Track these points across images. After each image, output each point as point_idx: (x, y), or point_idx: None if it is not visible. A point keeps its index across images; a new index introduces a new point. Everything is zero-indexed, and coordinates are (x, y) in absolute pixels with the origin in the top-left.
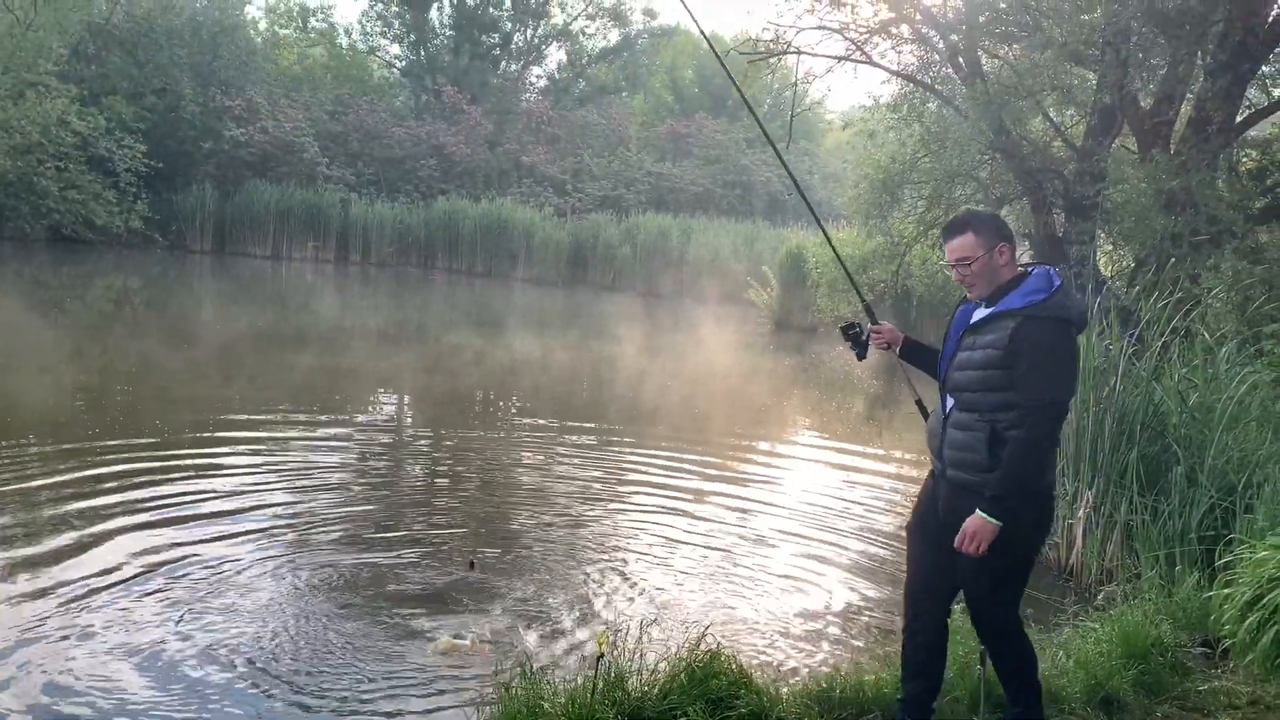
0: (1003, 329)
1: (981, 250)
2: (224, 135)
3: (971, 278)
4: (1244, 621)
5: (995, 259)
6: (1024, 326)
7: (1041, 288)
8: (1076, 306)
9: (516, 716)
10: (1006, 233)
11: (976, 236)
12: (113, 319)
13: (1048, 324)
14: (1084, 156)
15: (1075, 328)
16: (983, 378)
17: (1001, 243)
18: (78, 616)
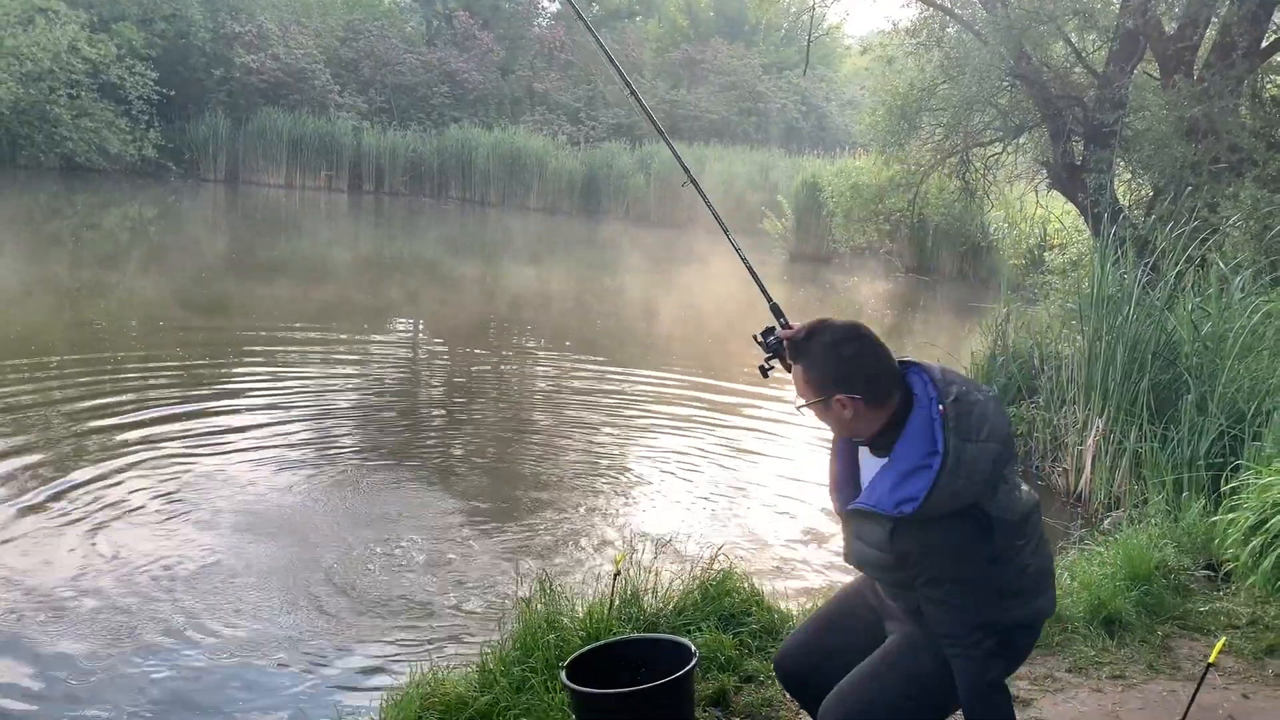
0: (880, 530)
1: (812, 394)
2: (235, 62)
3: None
4: (1247, 545)
5: (835, 412)
6: (900, 534)
7: (914, 466)
8: (973, 474)
9: (537, 630)
10: (841, 382)
11: (807, 374)
12: (129, 247)
13: (934, 529)
14: (1105, 83)
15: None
16: (891, 579)
17: (839, 395)
18: (96, 538)
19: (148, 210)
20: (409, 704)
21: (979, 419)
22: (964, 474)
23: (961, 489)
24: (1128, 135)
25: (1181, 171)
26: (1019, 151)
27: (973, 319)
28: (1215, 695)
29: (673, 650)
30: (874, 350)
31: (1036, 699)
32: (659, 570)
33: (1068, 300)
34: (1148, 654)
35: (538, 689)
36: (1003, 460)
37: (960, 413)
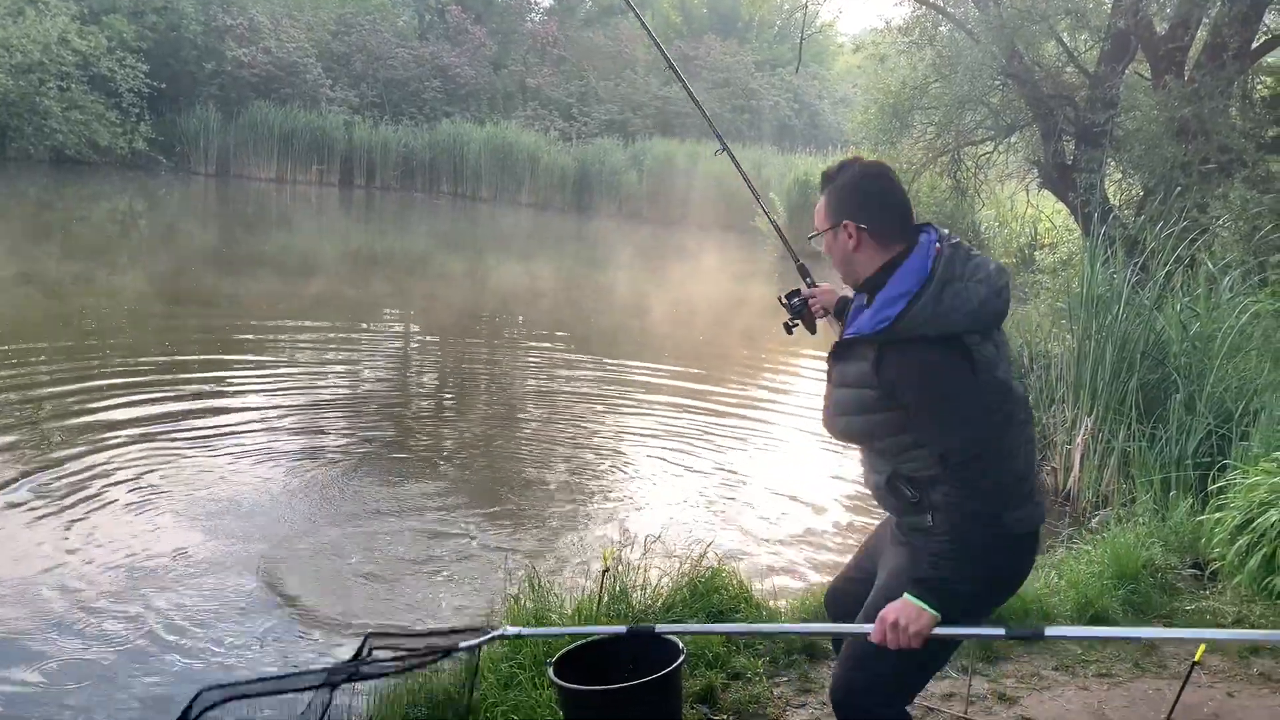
0: (862, 360)
1: (826, 223)
2: (226, 56)
3: (829, 256)
4: (1233, 544)
5: (841, 242)
6: (888, 357)
7: (900, 292)
8: (959, 304)
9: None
10: (856, 206)
11: (823, 204)
12: (118, 240)
13: (921, 350)
14: (1096, 83)
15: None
16: (857, 427)
17: (846, 220)
18: (76, 531)
19: (138, 203)
20: (397, 700)
21: (975, 265)
22: (946, 301)
23: (942, 314)
24: (1118, 135)
25: (1172, 172)
26: (1010, 150)
27: None
28: (1200, 694)
29: (661, 647)
30: (893, 190)
31: (1023, 697)
32: (647, 567)
33: (1057, 299)
34: (1134, 652)
35: (525, 685)
36: (990, 311)
37: (956, 255)
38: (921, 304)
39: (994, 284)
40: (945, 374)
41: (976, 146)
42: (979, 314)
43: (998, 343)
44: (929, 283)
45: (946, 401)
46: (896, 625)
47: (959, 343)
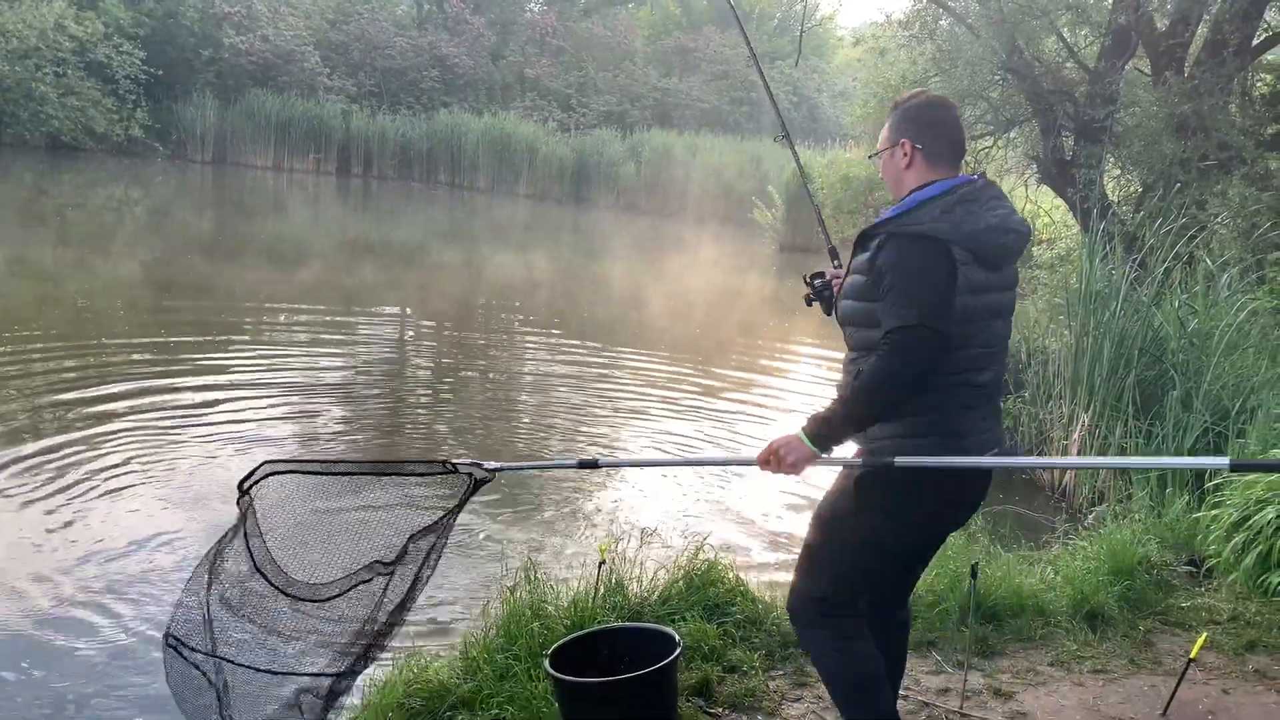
0: (869, 249)
1: (886, 144)
2: (223, 43)
3: (882, 177)
4: (1229, 541)
5: (895, 159)
6: (885, 245)
7: (921, 198)
8: (962, 222)
9: (521, 618)
10: (915, 128)
11: (886, 126)
12: (114, 228)
13: (909, 241)
14: (1096, 79)
15: (959, 248)
16: (852, 309)
17: (904, 139)
18: (73, 519)
19: (133, 191)
20: (392, 691)
21: (995, 204)
22: (954, 215)
23: (944, 221)
24: (1118, 131)
25: (1171, 168)
26: (1009, 146)
27: None
28: (1196, 690)
29: (657, 640)
30: (949, 122)
31: (1018, 692)
32: (644, 559)
33: (1055, 295)
34: (1129, 648)
35: (521, 677)
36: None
37: (984, 190)
38: (931, 207)
39: (1004, 223)
40: (920, 261)
41: (976, 141)
42: (977, 236)
43: (1000, 282)
44: (948, 195)
45: (909, 280)
46: (777, 453)
47: (945, 248)
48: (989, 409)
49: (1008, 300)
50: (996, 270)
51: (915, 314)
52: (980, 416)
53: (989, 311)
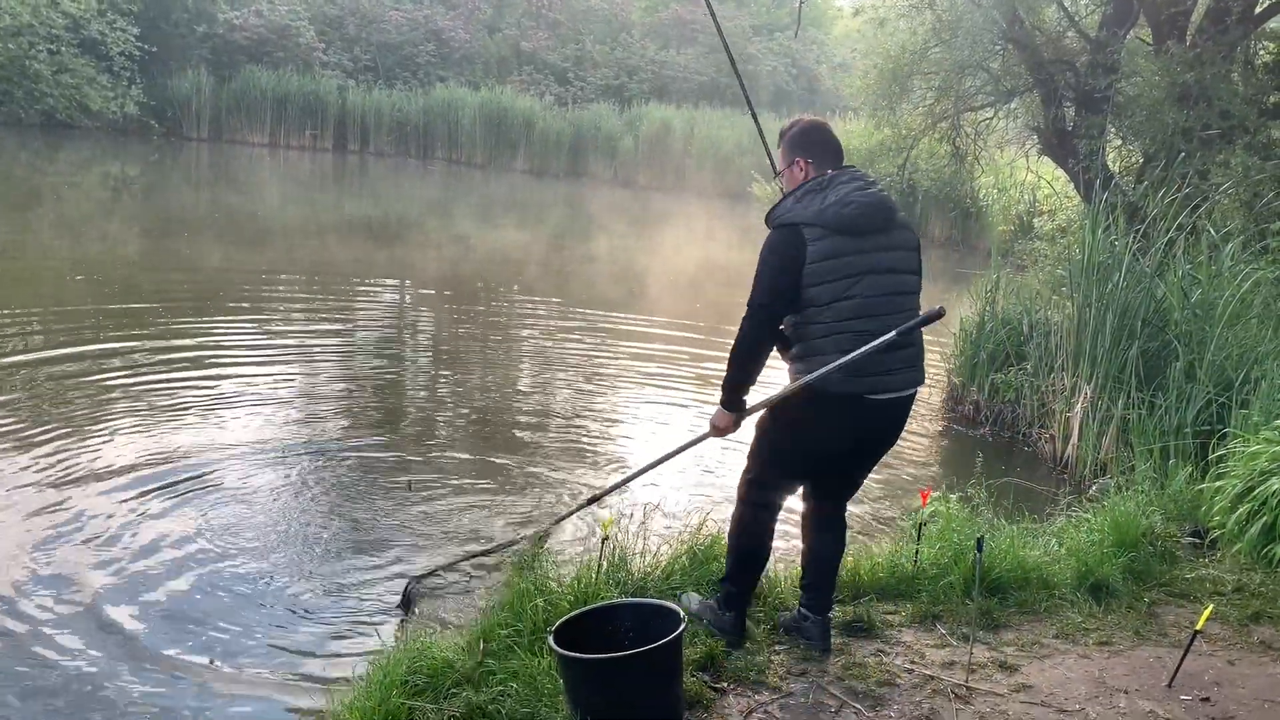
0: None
1: (783, 164)
2: (218, 19)
3: (785, 189)
4: (1233, 513)
5: (794, 174)
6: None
7: (788, 194)
8: (808, 206)
9: (526, 594)
10: (803, 147)
11: (781, 150)
12: (111, 206)
13: (772, 234)
14: (1097, 48)
15: (807, 227)
16: None
17: (798, 158)
18: (65, 504)
19: (130, 168)
20: (395, 669)
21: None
22: (802, 203)
23: (794, 210)
24: (1119, 101)
25: (1172, 138)
26: (1010, 116)
27: (962, 285)
28: (1201, 661)
29: (661, 615)
30: (827, 136)
31: (1023, 665)
32: (647, 534)
33: (1058, 267)
34: (1134, 620)
35: (524, 653)
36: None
37: (837, 179)
38: (787, 203)
39: (843, 199)
40: (770, 248)
41: (976, 112)
42: (821, 214)
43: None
44: (800, 189)
45: (761, 266)
46: (714, 424)
47: (796, 231)
48: (894, 355)
49: (887, 260)
50: (861, 235)
51: (753, 296)
52: (880, 358)
53: (858, 269)
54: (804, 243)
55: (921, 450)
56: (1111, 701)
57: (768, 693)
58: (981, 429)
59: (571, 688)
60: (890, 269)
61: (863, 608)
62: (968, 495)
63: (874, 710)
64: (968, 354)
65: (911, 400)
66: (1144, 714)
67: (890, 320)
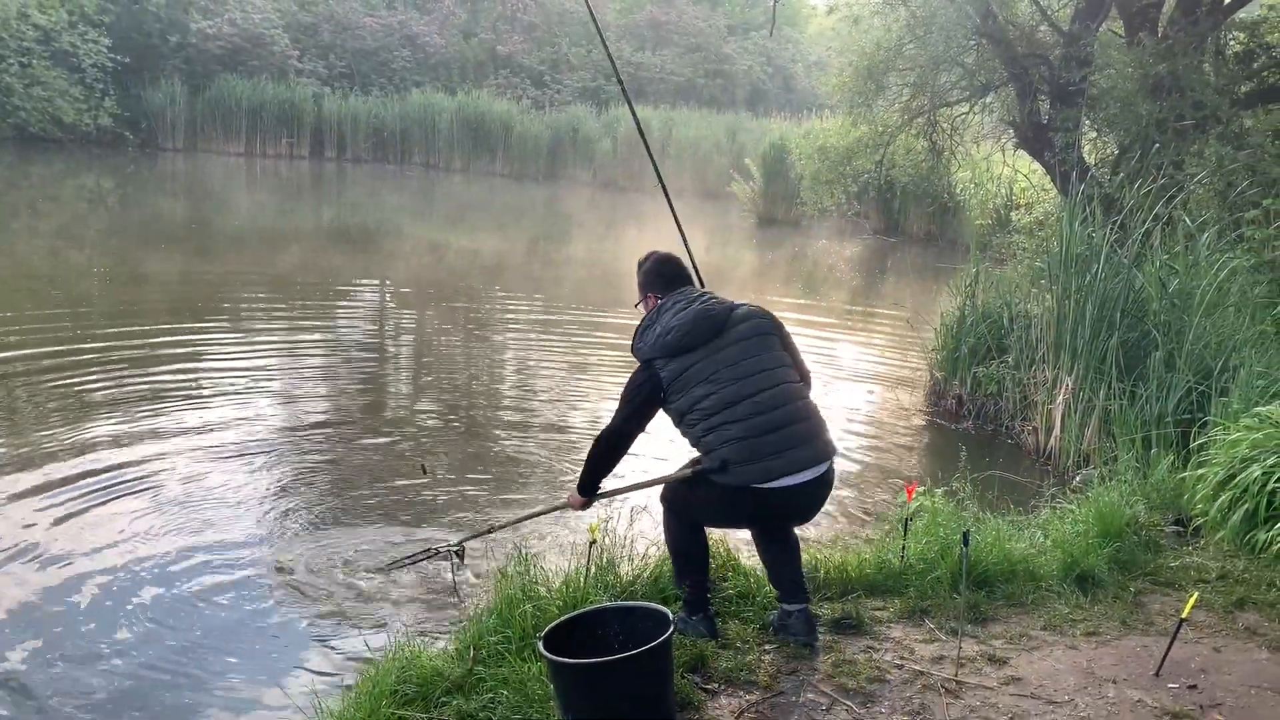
0: None
1: (640, 297)
2: (190, 28)
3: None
4: (1216, 500)
5: (647, 306)
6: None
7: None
8: (645, 342)
9: (514, 600)
10: (652, 283)
11: (639, 284)
12: (87, 218)
13: (637, 369)
14: (1070, 41)
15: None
16: None
17: (649, 294)
18: (53, 513)
19: (105, 181)
20: (385, 678)
21: (669, 311)
22: (647, 339)
23: (640, 346)
24: (1093, 93)
25: (1146, 129)
26: (985, 111)
27: (941, 280)
28: (1187, 649)
29: (650, 618)
30: (672, 269)
31: (1012, 657)
32: (634, 538)
33: (1036, 260)
34: (1121, 610)
35: (514, 660)
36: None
37: (663, 307)
38: (638, 341)
39: (669, 324)
40: (636, 387)
41: (952, 108)
42: (657, 346)
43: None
44: (642, 326)
45: (626, 396)
46: (569, 500)
47: (650, 368)
48: (789, 434)
49: (729, 355)
50: (694, 349)
51: (615, 418)
52: (772, 441)
53: (707, 373)
54: (657, 374)
55: (905, 445)
56: (1100, 691)
57: (758, 692)
58: (964, 423)
59: (562, 693)
60: (736, 361)
61: (851, 604)
62: (952, 489)
63: (865, 707)
64: (949, 348)
65: (824, 480)
66: (1133, 703)
67: (764, 397)
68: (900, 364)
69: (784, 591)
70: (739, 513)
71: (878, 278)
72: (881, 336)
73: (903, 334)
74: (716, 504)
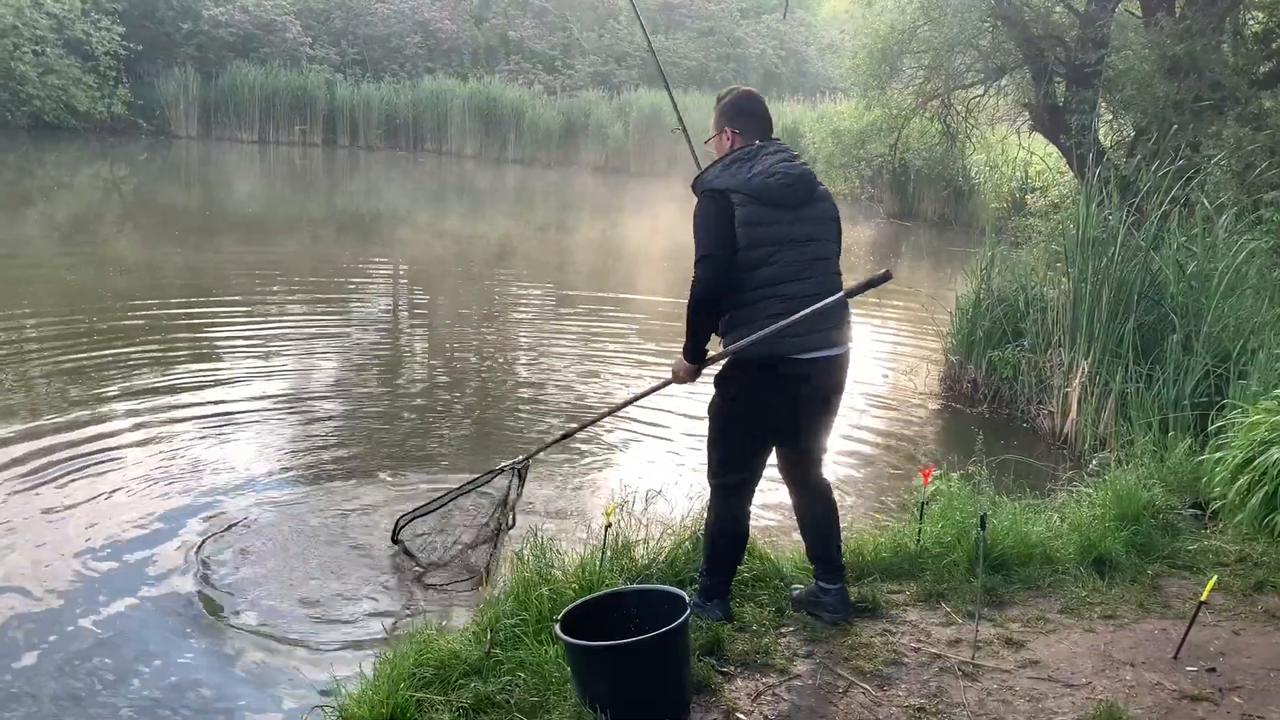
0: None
1: (714, 131)
2: (202, 15)
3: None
4: (1234, 483)
5: (723, 142)
6: (697, 205)
7: (714, 162)
8: (735, 175)
9: (530, 584)
10: (732, 116)
11: (713, 118)
12: (102, 206)
13: (701, 198)
14: (1086, 22)
15: (735, 194)
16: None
17: (727, 127)
18: (69, 511)
19: (119, 169)
20: (403, 661)
21: (769, 159)
22: (728, 172)
23: (721, 178)
24: (1110, 75)
25: (1164, 111)
26: (1000, 94)
27: (956, 263)
28: (1206, 633)
29: (666, 600)
30: (756, 107)
31: (1030, 640)
32: (650, 521)
33: (1052, 243)
34: (1138, 593)
35: (531, 643)
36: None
37: (762, 151)
38: (715, 170)
39: (768, 170)
40: (705, 211)
41: (966, 90)
42: (747, 184)
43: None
44: (726, 159)
45: (700, 225)
46: (675, 371)
47: (724, 196)
48: (823, 318)
49: (806, 229)
50: (781, 207)
51: (700, 248)
52: (809, 322)
53: (779, 239)
54: (731, 207)
55: (920, 429)
56: (1118, 674)
57: (775, 675)
58: (980, 406)
59: (578, 675)
60: (809, 238)
61: (867, 588)
62: (968, 473)
63: (881, 690)
64: (964, 332)
65: (843, 361)
66: (1151, 686)
67: (816, 289)
68: (915, 348)
69: (823, 567)
70: (777, 393)
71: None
72: (896, 321)
73: (917, 318)
74: (753, 390)
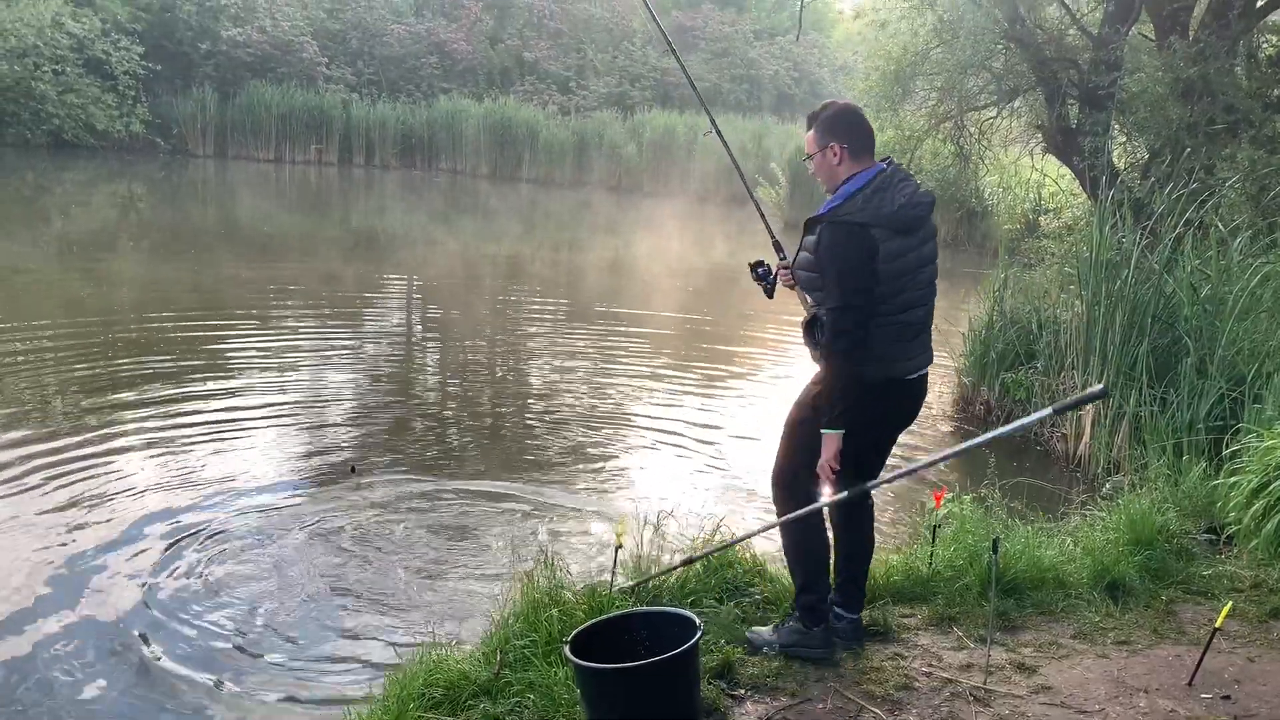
0: (814, 234)
1: (814, 148)
2: (221, 36)
3: (816, 174)
4: (1249, 508)
5: (828, 159)
6: (823, 233)
7: (849, 191)
8: (880, 207)
9: (539, 605)
10: (840, 132)
11: (813, 134)
12: (118, 224)
13: (839, 229)
14: (1100, 45)
15: (877, 229)
16: (806, 278)
17: (832, 143)
18: (84, 523)
19: (136, 187)
20: (412, 682)
21: (903, 186)
22: (873, 203)
23: (864, 209)
24: (1123, 97)
25: (1177, 133)
26: (1013, 115)
27: (969, 285)
28: (1220, 659)
29: (677, 623)
30: (862, 121)
31: (1042, 666)
32: (660, 542)
33: (1065, 265)
34: (1152, 619)
35: (541, 664)
36: (900, 216)
37: (894, 176)
38: (855, 200)
39: (910, 200)
40: (845, 246)
41: (979, 112)
42: (892, 216)
43: (916, 242)
44: (866, 187)
45: (836, 264)
46: (829, 462)
47: (866, 231)
48: (919, 339)
49: (927, 252)
50: (913, 235)
51: (840, 296)
52: (909, 344)
53: (912, 267)
54: (875, 243)
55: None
56: (1131, 701)
57: (785, 698)
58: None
59: (588, 698)
60: (930, 260)
61: (879, 611)
62: (981, 496)
63: (893, 714)
64: (977, 353)
65: (927, 378)
66: (1165, 713)
67: (922, 311)
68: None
69: (846, 596)
70: (880, 412)
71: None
72: None
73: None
74: (858, 410)
